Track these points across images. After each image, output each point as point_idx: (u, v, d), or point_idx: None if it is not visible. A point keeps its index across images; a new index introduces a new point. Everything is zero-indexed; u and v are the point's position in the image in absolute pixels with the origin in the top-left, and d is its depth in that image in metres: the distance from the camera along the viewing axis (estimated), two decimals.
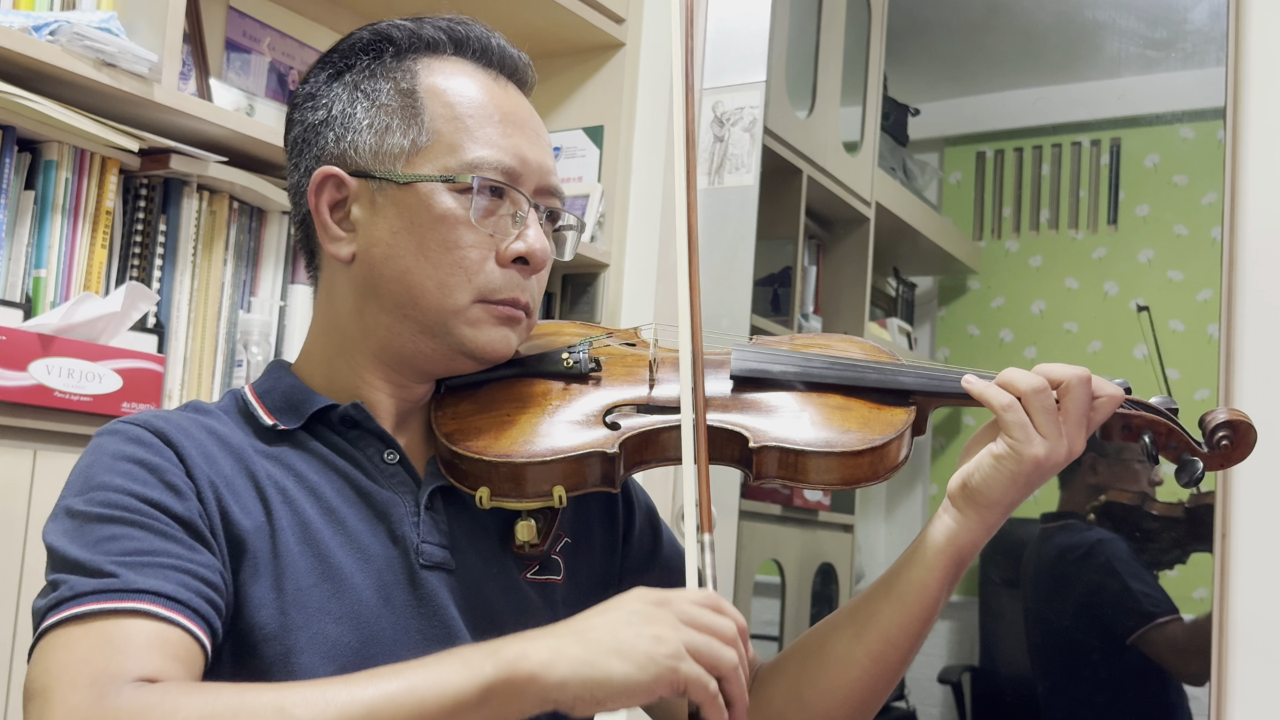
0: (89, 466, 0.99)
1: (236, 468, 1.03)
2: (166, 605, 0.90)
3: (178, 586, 0.92)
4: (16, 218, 1.57)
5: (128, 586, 0.90)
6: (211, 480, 1.00)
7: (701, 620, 0.88)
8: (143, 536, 0.94)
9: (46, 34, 1.55)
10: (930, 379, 1.11)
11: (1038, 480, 1.06)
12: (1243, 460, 1.11)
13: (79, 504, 0.96)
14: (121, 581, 0.90)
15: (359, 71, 1.12)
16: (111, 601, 0.89)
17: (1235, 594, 1.90)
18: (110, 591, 0.89)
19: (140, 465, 0.98)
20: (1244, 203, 1.97)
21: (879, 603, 1.10)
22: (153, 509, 0.95)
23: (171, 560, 0.93)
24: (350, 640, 1.00)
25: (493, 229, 1.08)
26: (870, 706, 1.13)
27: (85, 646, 0.87)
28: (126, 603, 0.89)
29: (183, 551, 0.94)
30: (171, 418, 1.05)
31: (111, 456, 0.99)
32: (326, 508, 1.04)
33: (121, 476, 0.97)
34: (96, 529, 0.94)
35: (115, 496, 0.95)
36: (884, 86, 3.30)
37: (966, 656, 3.34)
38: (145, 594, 0.90)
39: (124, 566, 0.91)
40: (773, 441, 1.05)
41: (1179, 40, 3.19)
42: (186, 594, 0.92)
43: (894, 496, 3.61)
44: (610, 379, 1.12)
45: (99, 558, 0.91)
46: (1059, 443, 1.05)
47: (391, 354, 1.10)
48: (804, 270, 3.00)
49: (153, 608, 0.90)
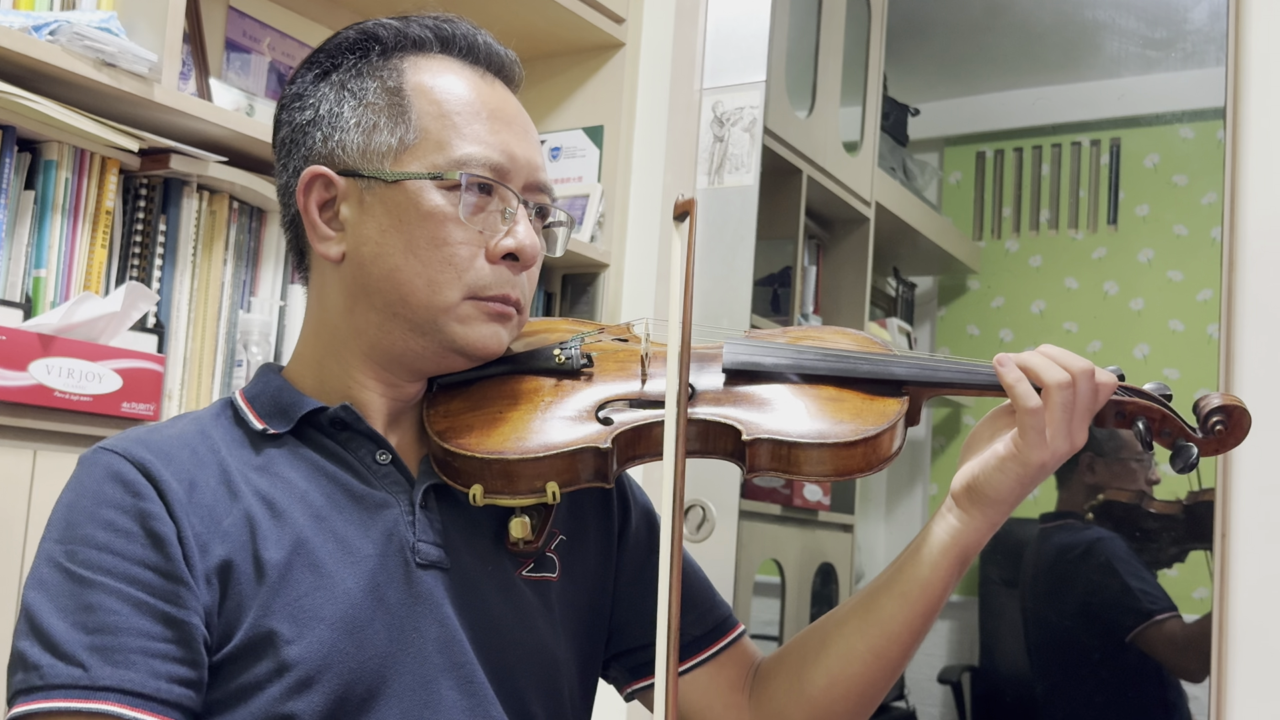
0: (70, 507, 1.00)
1: (220, 491, 1.03)
2: (133, 704, 0.93)
3: (146, 676, 0.94)
4: (16, 218, 1.58)
5: (96, 684, 0.93)
6: (190, 517, 1.00)
7: None
8: (118, 609, 0.95)
9: (46, 34, 1.55)
10: (923, 369, 1.11)
11: (1043, 477, 1.07)
12: (1237, 445, 1.10)
13: (61, 556, 0.98)
14: (90, 677, 0.93)
15: (346, 71, 1.12)
16: (80, 700, 0.92)
17: (1235, 593, 1.90)
18: (79, 688, 0.93)
19: (121, 511, 0.98)
20: (1244, 203, 1.97)
21: (882, 598, 1.11)
22: (135, 567, 0.97)
23: (143, 643, 0.95)
24: (346, 645, 1.00)
25: (482, 226, 1.08)
26: (871, 700, 1.14)
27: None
28: (94, 703, 0.92)
29: (158, 630, 0.96)
30: (153, 442, 1.04)
31: (93, 501, 0.99)
32: (316, 515, 1.04)
33: (103, 529, 0.98)
34: (74, 593, 0.96)
35: (96, 556, 0.97)
36: (884, 86, 3.30)
37: (966, 656, 3.34)
38: (113, 692, 0.93)
39: (95, 654, 0.94)
40: (765, 434, 1.05)
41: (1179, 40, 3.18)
42: (155, 684, 0.94)
43: (894, 496, 3.61)
44: (602, 374, 1.12)
45: (73, 638, 0.94)
46: (1064, 441, 1.05)
47: (382, 353, 1.09)
48: (804, 270, 3.00)
49: (119, 709, 0.93)
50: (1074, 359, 1.06)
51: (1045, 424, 1.04)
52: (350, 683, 0.99)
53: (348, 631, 1.00)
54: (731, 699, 1.19)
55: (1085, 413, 1.06)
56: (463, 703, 1.03)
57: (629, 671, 1.21)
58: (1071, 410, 1.04)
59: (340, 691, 0.99)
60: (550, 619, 1.12)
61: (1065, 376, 1.04)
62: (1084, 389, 1.05)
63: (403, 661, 1.02)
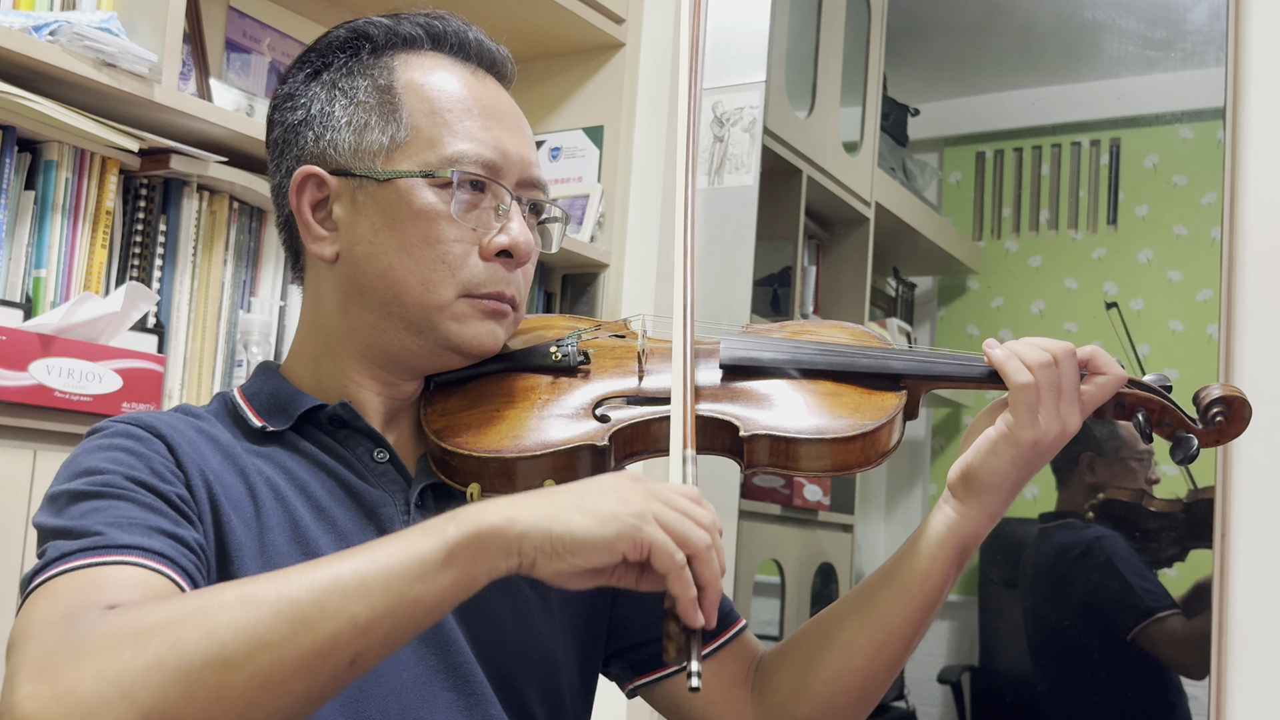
0: (76, 458, 1.00)
1: (226, 465, 1.03)
2: (154, 559, 0.89)
3: (165, 545, 0.91)
4: (16, 218, 1.58)
5: (114, 543, 0.89)
6: (202, 470, 1.00)
7: (674, 500, 0.87)
8: (129, 508, 0.93)
9: (46, 34, 1.55)
10: (920, 363, 1.11)
11: (1037, 462, 1.06)
12: (1237, 435, 1.11)
13: (65, 486, 0.96)
14: (107, 539, 0.89)
15: (336, 70, 1.11)
16: (97, 556, 0.88)
17: (1235, 592, 1.90)
18: (97, 548, 0.89)
19: (128, 453, 0.98)
20: (1244, 203, 1.97)
21: (881, 592, 1.11)
22: (139, 487, 0.95)
23: (158, 525, 0.93)
24: None
25: (475, 223, 1.07)
26: (872, 694, 1.14)
27: (66, 591, 0.86)
28: (113, 556, 0.88)
29: (168, 524, 0.94)
30: (161, 416, 1.05)
31: (100, 447, 0.99)
32: (317, 506, 1.04)
33: (108, 461, 0.97)
34: (82, 505, 0.93)
35: (101, 477, 0.95)
36: (884, 86, 3.30)
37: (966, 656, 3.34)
38: (132, 549, 0.89)
39: (111, 527, 0.90)
40: (763, 430, 1.05)
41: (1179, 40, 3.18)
42: (174, 552, 0.91)
43: (894, 496, 3.61)
44: (599, 371, 1.12)
45: (84, 522, 0.91)
46: (1055, 421, 1.05)
47: (378, 352, 1.09)
48: (804, 270, 3.00)
49: (140, 560, 0.89)
50: (1054, 341, 1.07)
51: (1036, 401, 1.04)
52: None
53: None
54: (734, 693, 1.19)
55: (1072, 392, 1.06)
56: (460, 702, 1.03)
57: (630, 668, 1.21)
58: (1059, 389, 1.05)
59: None
60: (549, 617, 1.12)
61: (1046, 356, 1.05)
62: (1067, 367, 1.06)
63: (400, 661, 1.01)
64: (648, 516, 0.84)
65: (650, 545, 0.84)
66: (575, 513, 0.83)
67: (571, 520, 0.83)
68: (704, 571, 0.86)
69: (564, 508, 0.84)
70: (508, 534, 0.82)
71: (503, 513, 0.83)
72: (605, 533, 0.83)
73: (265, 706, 0.77)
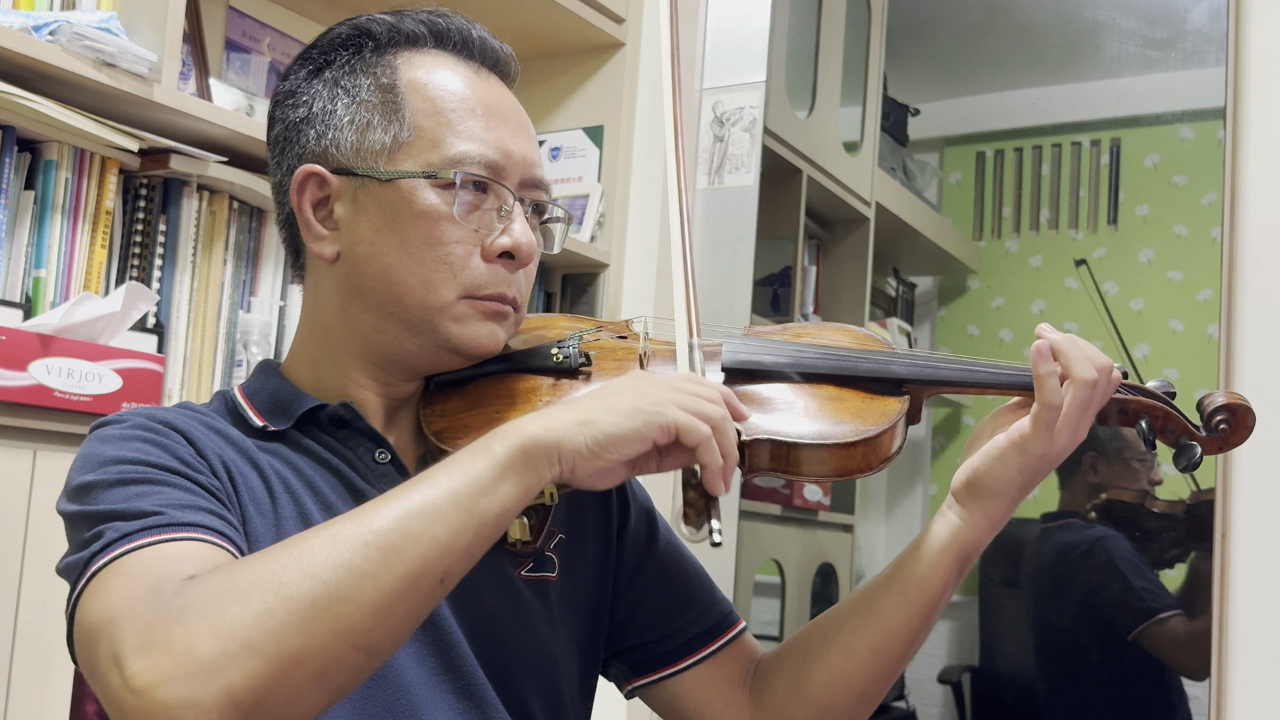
0: (96, 448, 0.98)
1: (240, 457, 1.03)
2: (216, 536, 0.90)
3: (220, 524, 0.92)
4: (16, 218, 1.58)
5: (176, 521, 0.90)
6: (222, 459, 1.00)
7: (683, 385, 0.95)
8: (175, 493, 0.93)
9: (46, 34, 1.55)
10: (923, 367, 1.10)
11: (1044, 471, 1.05)
12: (1241, 443, 1.10)
13: (94, 477, 0.94)
14: (169, 518, 0.90)
15: (339, 67, 1.11)
16: (163, 533, 0.88)
17: (1235, 592, 1.90)
18: (160, 525, 0.89)
19: (152, 444, 0.97)
20: (1244, 203, 1.97)
21: (881, 597, 1.10)
22: (175, 475, 0.95)
23: (207, 506, 0.93)
24: None
25: (477, 224, 1.07)
26: (871, 698, 1.13)
27: (141, 567, 0.86)
28: (178, 533, 0.89)
29: (214, 506, 0.94)
30: (168, 411, 1.05)
31: (122, 437, 0.98)
32: (325, 503, 1.04)
33: (137, 451, 0.96)
34: (127, 489, 0.93)
35: (136, 466, 0.95)
36: (884, 86, 3.30)
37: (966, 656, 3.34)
38: (195, 525, 0.90)
39: (168, 507, 0.91)
40: (765, 434, 1.04)
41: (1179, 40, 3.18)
42: (229, 530, 0.93)
43: (894, 496, 3.61)
44: (601, 373, 1.11)
45: (138, 504, 0.91)
46: (1069, 435, 1.04)
47: (378, 352, 1.09)
48: (804, 270, 3.00)
49: (204, 536, 0.90)
50: (1102, 357, 1.05)
51: (1056, 419, 1.03)
52: None
53: None
54: (732, 695, 1.19)
55: (1095, 410, 1.05)
56: (461, 704, 1.03)
57: (630, 669, 1.21)
58: (1086, 408, 1.04)
59: None
60: (549, 619, 1.11)
61: (1093, 375, 1.03)
62: (1103, 389, 1.04)
63: (402, 662, 1.01)
64: (666, 402, 0.92)
65: (676, 426, 0.91)
66: (603, 413, 0.90)
67: (601, 420, 0.90)
68: (724, 441, 0.93)
69: (591, 410, 0.91)
70: (547, 442, 0.88)
71: (539, 423, 0.89)
72: (634, 424, 0.90)
73: (376, 632, 0.81)
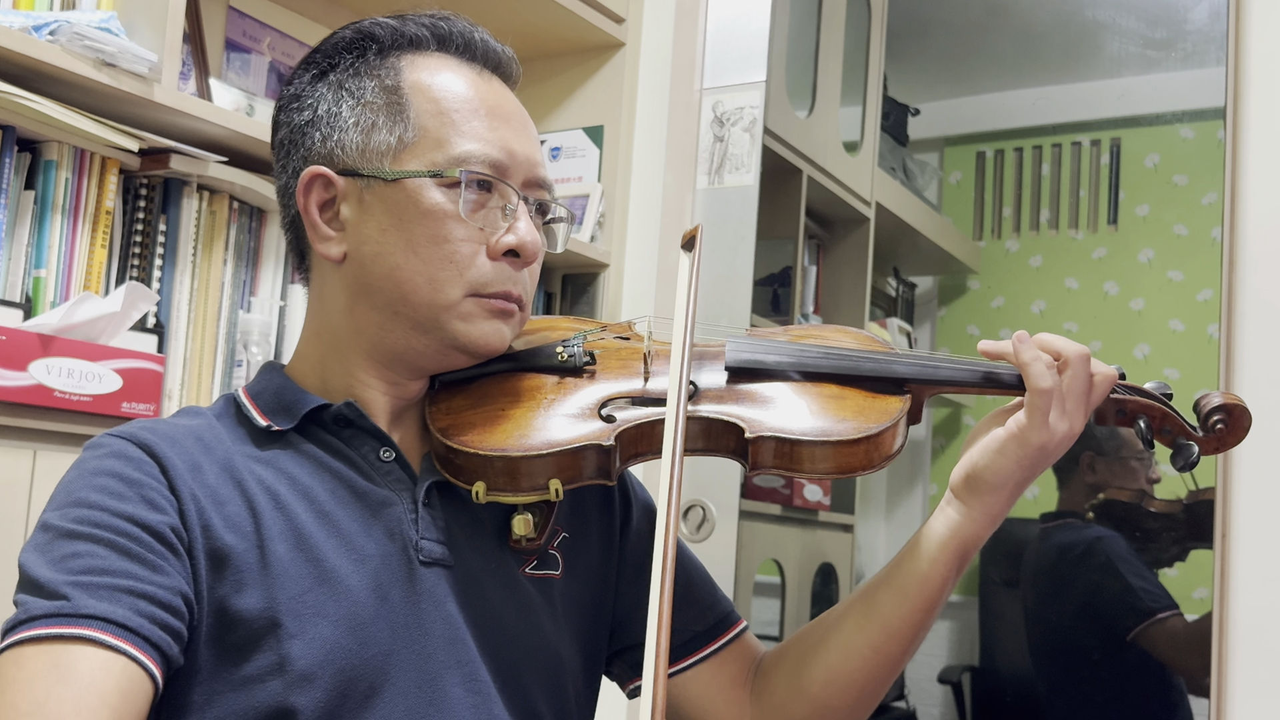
0: (70, 482, 1.01)
1: (224, 478, 1.03)
2: (114, 633, 0.92)
3: (129, 612, 0.93)
4: (16, 218, 1.58)
5: (78, 611, 0.92)
6: (194, 494, 1.01)
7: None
8: (105, 555, 0.95)
9: (46, 34, 1.55)
10: (924, 367, 1.11)
11: (1042, 463, 1.06)
12: (1238, 444, 1.11)
13: (54, 519, 0.97)
14: (73, 605, 0.92)
15: (343, 70, 1.12)
16: (60, 626, 0.91)
17: (1235, 593, 1.90)
18: (61, 616, 0.91)
19: (119, 479, 0.99)
20: (1244, 203, 1.97)
21: (881, 594, 1.11)
22: (124, 522, 0.96)
23: (128, 583, 0.94)
24: (348, 642, 1.00)
25: (482, 223, 1.08)
26: (871, 697, 1.14)
27: (33, 668, 0.89)
28: (75, 628, 0.91)
29: (143, 573, 0.95)
30: (159, 429, 1.05)
31: (93, 472, 1.00)
32: (320, 511, 1.04)
33: (98, 492, 0.98)
34: (62, 545, 0.95)
35: (88, 513, 0.97)
36: (884, 86, 3.30)
37: (966, 656, 3.34)
38: (94, 619, 0.92)
39: (78, 588, 0.93)
40: (768, 431, 1.05)
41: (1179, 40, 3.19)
42: (138, 620, 0.93)
43: (894, 496, 3.61)
44: (605, 372, 1.12)
45: (57, 577, 0.93)
46: (1064, 423, 1.05)
47: (384, 352, 1.09)
48: (804, 270, 3.00)
49: (100, 635, 0.91)
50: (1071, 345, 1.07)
51: (1049, 405, 1.04)
52: (352, 679, 0.99)
53: (350, 629, 1.00)
54: (733, 695, 1.19)
55: (1083, 396, 1.06)
56: (467, 700, 1.03)
57: (631, 668, 1.21)
58: (1074, 392, 1.05)
59: (342, 688, 0.99)
60: (553, 616, 1.12)
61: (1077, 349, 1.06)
62: (1082, 372, 1.06)
63: (406, 659, 1.02)
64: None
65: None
66: None
67: None
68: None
69: None
70: None
71: None
72: None
73: None
